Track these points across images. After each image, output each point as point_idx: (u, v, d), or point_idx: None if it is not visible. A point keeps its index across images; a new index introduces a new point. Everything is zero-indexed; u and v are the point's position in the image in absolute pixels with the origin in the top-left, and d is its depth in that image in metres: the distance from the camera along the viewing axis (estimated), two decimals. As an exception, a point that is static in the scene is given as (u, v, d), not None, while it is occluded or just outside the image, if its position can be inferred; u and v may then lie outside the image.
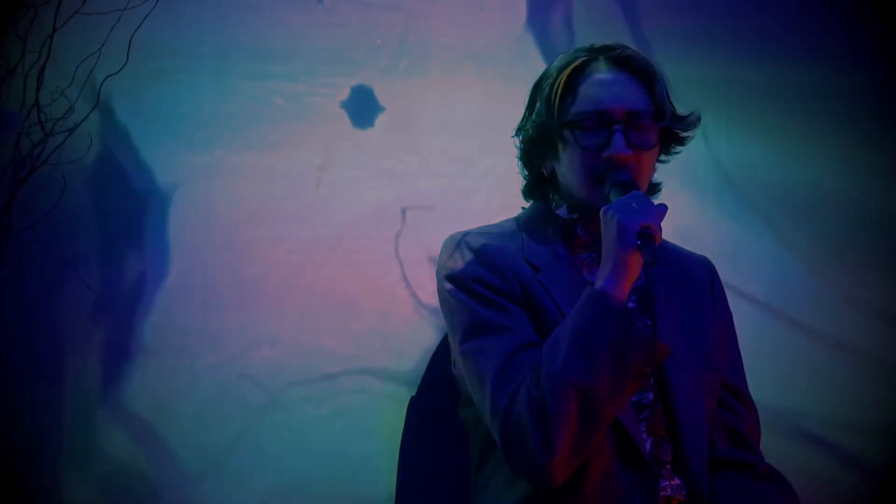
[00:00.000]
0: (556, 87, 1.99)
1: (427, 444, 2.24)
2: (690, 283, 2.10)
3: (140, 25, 2.33)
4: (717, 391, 2.08)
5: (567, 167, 2.00)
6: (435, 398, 2.22)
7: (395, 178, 2.52)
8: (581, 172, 1.97)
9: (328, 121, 2.52)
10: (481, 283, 1.94)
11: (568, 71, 2.00)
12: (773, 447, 2.20)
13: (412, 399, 2.27)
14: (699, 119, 2.06)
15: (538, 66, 2.32)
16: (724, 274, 2.26)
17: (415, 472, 2.24)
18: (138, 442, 2.36)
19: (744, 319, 2.29)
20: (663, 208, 1.89)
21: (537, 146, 2.05)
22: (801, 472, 2.19)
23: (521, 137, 2.10)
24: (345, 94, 2.53)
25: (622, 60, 2.00)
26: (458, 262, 1.97)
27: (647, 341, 1.81)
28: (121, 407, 2.35)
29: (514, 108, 2.48)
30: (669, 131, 2.04)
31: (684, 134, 2.07)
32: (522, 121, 2.09)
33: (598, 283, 1.85)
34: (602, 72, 1.99)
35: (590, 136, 1.96)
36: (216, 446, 2.39)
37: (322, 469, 2.42)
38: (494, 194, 2.52)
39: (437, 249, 2.18)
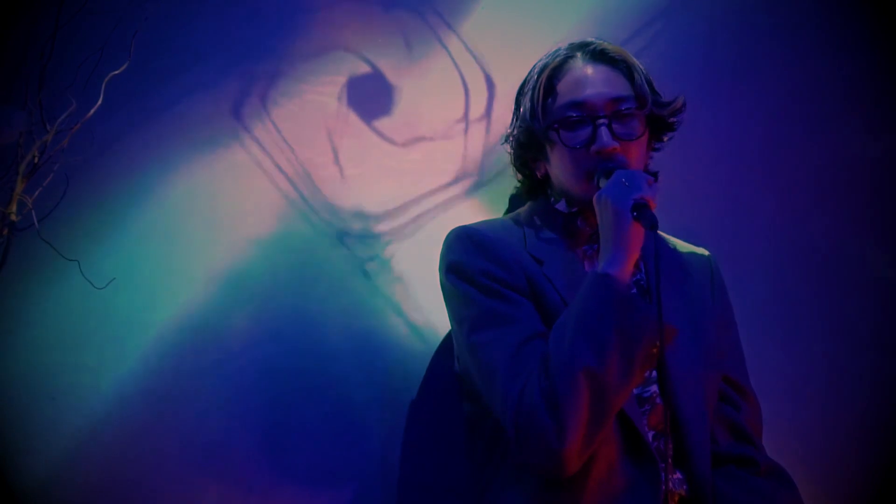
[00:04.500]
0: (536, 89, 2.01)
1: (428, 444, 2.25)
2: (690, 277, 2.12)
3: (142, 24, 2.33)
4: (718, 384, 2.09)
5: (558, 167, 2.03)
6: (436, 398, 2.23)
7: (398, 175, 2.53)
8: (572, 170, 2.00)
9: (330, 119, 2.52)
10: (487, 275, 1.96)
11: (547, 72, 2.02)
12: (775, 443, 2.22)
13: (412, 401, 2.28)
14: (685, 104, 2.08)
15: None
16: (726, 270, 2.27)
17: (416, 471, 2.24)
18: (140, 440, 2.35)
19: (747, 315, 2.31)
20: (653, 180, 1.91)
21: (527, 150, 2.08)
22: (803, 468, 2.20)
23: (510, 143, 2.11)
24: (347, 92, 2.54)
25: (599, 54, 2.03)
26: (463, 256, 1.99)
27: (654, 321, 1.82)
28: (123, 405, 2.35)
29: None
30: (656, 118, 2.06)
31: (672, 119, 2.09)
32: (510, 126, 2.10)
33: (600, 267, 1.86)
34: (580, 67, 2.02)
35: (575, 135, 1.99)
36: (219, 444, 2.39)
37: (324, 467, 2.43)
38: (497, 192, 2.53)
39: (439, 246, 2.19)
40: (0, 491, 2.27)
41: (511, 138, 2.13)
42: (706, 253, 2.22)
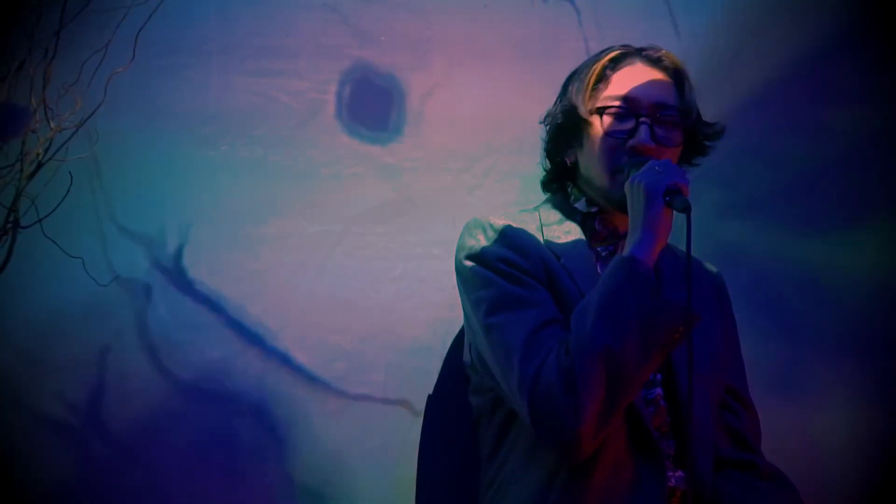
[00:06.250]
0: (590, 73, 2.04)
1: (445, 441, 2.25)
2: (699, 287, 2.13)
3: (146, 22, 2.34)
4: (721, 390, 2.11)
5: (590, 154, 2.04)
6: (452, 394, 2.23)
7: (399, 173, 2.54)
8: (605, 161, 2.01)
9: (331, 117, 2.53)
10: (506, 262, 1.97)
11: (604, 60, 2.06)
12: (774, 448, 2.22)
13: (429, 397, 2.28)
14: (723, 130, 2.11)
15: (542, 64, 2.37)
16: (725, 273, 2.28)
17: (434, 468, 2.24)
18: (144, 438, 2.37)
19: (745, 321, 2.32)
20: (685, 171, 1.93)
21: (563, 132, 2.09)
22: (803, 472, 2.21)
23: (547, 124, 2.12)
24: (348, 90, 2.55)
25: (656, 59, 2.06)
26: (483, 242, 1.99)
27: (677, 306, 1.83)
28: (126, 402, 2.36)
29: (518, 105, 2.52)
30: (694, 137, 2.08)
31: (707, 142, 2.11)
32: (552, 107, 2.12)
33: (627, 250, 1.88)
34: (637, 66, 2.06)
35: (616, 124, 2.01)
36: (221, 442, 2.40)
37: (326, 465, 2.43)
38: (497, 191, 2.54)
39: (440, 245, 2.20)
40: (4, 490, 2.28)
41: (550, 118, 2.14)
42: (714, 269, 2.25)
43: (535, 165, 2.19)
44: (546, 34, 2.59)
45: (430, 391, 2.32)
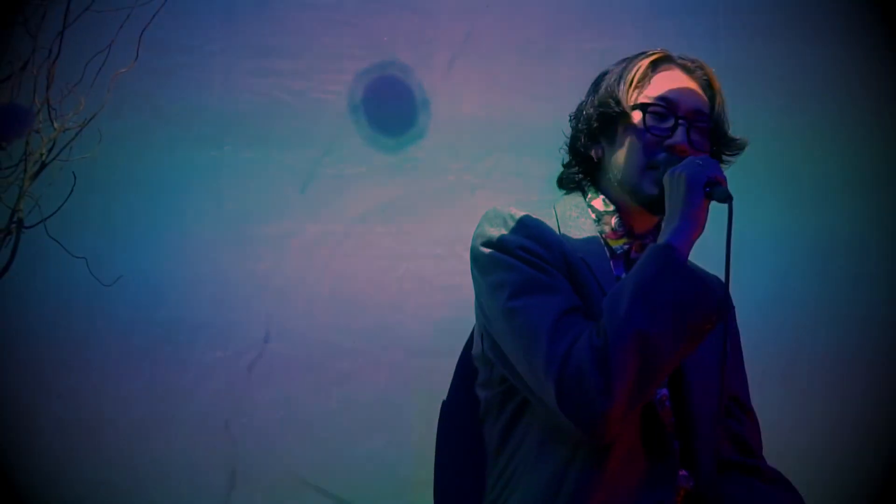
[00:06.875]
0: (634, 70, 2.06)
1: (461, 443, 2.24)
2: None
3: (150, 23, 2.34)
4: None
5: (623, 150, 2.06)
6: (466, 396, 2.23)
7: (401, 173, 2.55)
8: (639, 156, 2.03)
9: (334, 117, 2.54)
10: (528, 251, 1.98)
11: (646, 61, 2.07)
12: (774, 448, 2.23)
13: (444, 402, 2.28)
14: (744, 147, 2.13)
15: (544, 64, 2.36)
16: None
17: (452, 471, 2.24)
18: (147, 436, 2.37)
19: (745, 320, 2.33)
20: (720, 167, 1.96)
21: (596, 126, 2.10)
22: (803, 472, 2.22)
23: (577, 119, 2.13)
24: (350, 90, 2.55)
25: (692, 69, 2.08)
26: (504, 231, 2.00)
27: (711, 295, 1.85)
28: (129, 402, 2.37)
29: (520, 106, 2.52)
30: (717, 146, 2.10)
31: (726, 156, 2.13)
32: (582, 103, 2.13)
33: (664, 238, 1.89)
34: (677, 71, 2.09)
35: (658, 122, 2.02)
36: (224, 441, 2.41)
37: (330, 463, 2.44)
38: (499, 190, 2.55)
39: (443, 245, 2.21)
40: (6, 488, 2.29)
41: (582, 112, 2.15)
42: (719, 278, 2.26)
43: (536, 165, 2.19)
44: (548, 35, 2.59)
45: (432, 390, 2.32)
